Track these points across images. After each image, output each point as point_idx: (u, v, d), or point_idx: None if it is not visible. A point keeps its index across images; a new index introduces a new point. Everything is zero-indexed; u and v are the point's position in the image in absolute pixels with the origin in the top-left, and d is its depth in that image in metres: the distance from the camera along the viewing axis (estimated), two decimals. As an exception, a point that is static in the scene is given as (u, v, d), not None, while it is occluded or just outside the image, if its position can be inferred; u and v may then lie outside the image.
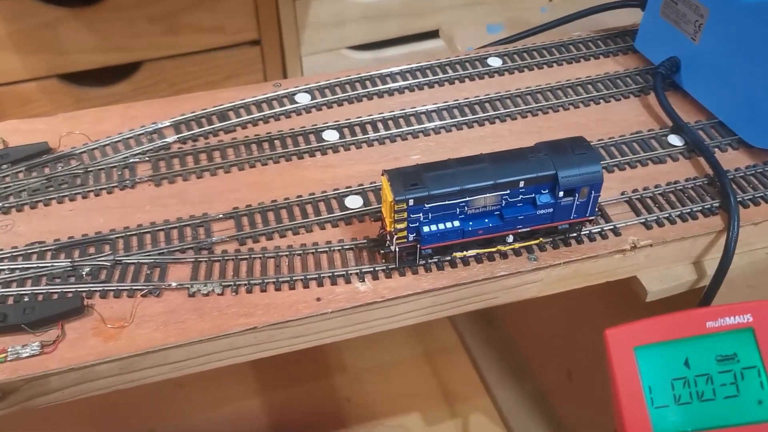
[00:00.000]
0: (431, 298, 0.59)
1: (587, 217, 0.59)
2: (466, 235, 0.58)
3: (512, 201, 0.57)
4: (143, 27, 1.32)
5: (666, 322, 0.51)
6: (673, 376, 0.50)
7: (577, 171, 0.56)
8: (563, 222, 0.59)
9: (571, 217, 0.59)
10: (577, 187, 0.57)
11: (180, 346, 0.55)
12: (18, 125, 0.73)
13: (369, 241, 0.61)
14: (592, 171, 0.57)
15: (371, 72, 0.79)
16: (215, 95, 0.76)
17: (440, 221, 0.57)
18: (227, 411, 1.11)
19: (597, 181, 0.57)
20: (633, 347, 0.50)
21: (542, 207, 0.58)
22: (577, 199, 0.58)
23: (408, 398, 1.10)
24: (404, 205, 0.55)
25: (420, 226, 0.57)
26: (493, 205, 0.57)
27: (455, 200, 0.56)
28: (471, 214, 0.57)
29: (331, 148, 0.70)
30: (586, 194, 0.58)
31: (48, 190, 0.66)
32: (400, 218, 0.56)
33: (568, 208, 0.58)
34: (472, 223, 0.58)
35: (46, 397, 0.55)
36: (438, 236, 0.57)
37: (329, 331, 0.59)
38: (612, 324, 0.50)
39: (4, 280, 0.58)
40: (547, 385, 1.04)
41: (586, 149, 0.57)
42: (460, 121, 0.73)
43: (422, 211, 0.56)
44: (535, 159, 0.57)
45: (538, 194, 0.58)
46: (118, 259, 0.60)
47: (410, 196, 0.55)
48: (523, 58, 0.80)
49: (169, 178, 0.68)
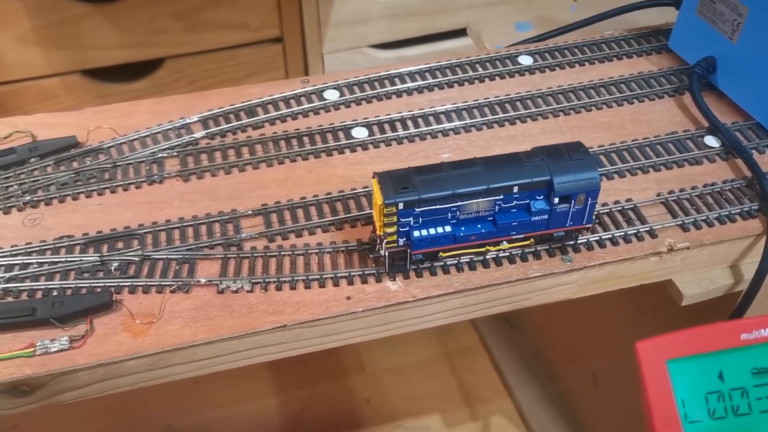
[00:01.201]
0: (462, 298, 0.58)
1: (584, 225, 0.57)
2: (458, 240, 0.56)
3: (506, 207, 0.56)
4: (166, 23, 1.31)
5: (699, 335, 0.49)
6: (707, 390, 0.49)
7: (574, 177, 0.55)
8: (559, 229, 0.57)
9: (567, 224, 0.57)
10: (573, 194, 0.55)
11: (209, 343, 0.55)
12: (45, 119, 0.72)
13: (360, 244, 0.60)
14: (588, 177, 0.55)
15: (400, 69, 0.78)
16: (243, 91, 0.76)
17: (431, 226, 0.55)
18: (245, 409, 1.11)
19: (594, 188, 0.55)
20: (665, 360, 0.49)
21: (537, 213, 0.56)
22: (573, 206, 0.56)
23: (428, 399, 1.10)
24: (394, 208, 0.53)
25: (410, 231, 0.55)
26: (486, 211, 0.56)
27: (447, 205, 0.54)
28: (463, 220, 0.56)
29: (360, 146, 0.70)
30: (582, 201, 0.56)
31: (76, 185, 0.66)
32: (390, 222, 0.54)
33: (563, 215, 0.56)
34: (464, 229, 0.56)
35: (73, 392, 0.55)
36: (429, 241, 0.55)
37: (359, 331, 0.58)
38: (638, 327, 0.49)
39: (33, 273, 0.58)
40: (571, 389, 1.03)
41: (584, 155, 0.55)
42: (490, 120, 0.72)
43: (412, 216, 0.54)
44: (531, 164, 0.55)
45: (533, 200, 0.56)
46: (147, 254, 0.60)
47: (400, 200, 0.53)
48: (554, 57, 0.79)
49: (198, 173, 0.67)
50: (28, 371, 0.52)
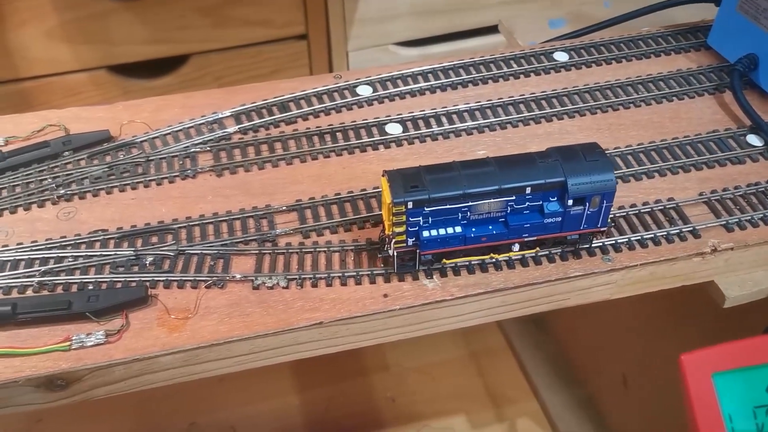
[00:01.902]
0: (501, 297, 0.57)
1: (598, 228, 0.56)
2: (468, 242, 0.55)
3: (518, 208, 0.54)
4: (192, 19, 1.31)
5: (746, 347, 0.48)
6: (755, 404, 0.47)
7: (588, 179, 0.53)
8: (573, 232, 0.56)
9: (581, 227, 0.56)
10: (587, 196, 0.54)
11: (245, 339, 0.54)
12: (78, 113, 0.72)
13: (369, 243, 0.59)
14: (604, 179, 0.53)
15: (434, 65, 0.77)
16: (275, 86, 0.75)
17: (441, 226, 0.54)
18: (269, 407, 1.10)
19: (609, 190, 0.53)
20: (711, 373, 0.48)
21: (550, 215, 0.54)
22: (588, 209, 0.54)
23: (453, 399, 1.09)
24: (403, 207, 0.52)
25: (419, 231, 0.54)
26: (498, 212, 0.54)
27: (457, 205, 0.53)
28: (474, 220, 0.54)
29: (394, 142, 0.69)
30: (597, 204, 0.54)
31: (110, 178, 0.65)
32: (399, 221, 0.53)
33: (577, 218, 0.55)
34: (475, 230, 0.54)
35: (108, 387, 0.54)
36: (438, 242, 0.54)
37: (395, 329, 0.57)
38: (669, 329, 0.48)
39: (68, 267, 0.58)
40: (600, 391, 1.02)
41: (599, 156, 0.54)
42: (526, 117, 0.71)
43: (422, 215, 0.53)
44: (544, 164, 0.54)
45: (546, 202, 0.54)
46: (182, 249, 0.59)
47: (409, 199, 0.52)
48: (590, 53, 0.78)
49: (231, 168, 0.66)
50: (65, 365, 0.52)
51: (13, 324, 0.54)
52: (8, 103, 1.31)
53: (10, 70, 1.27)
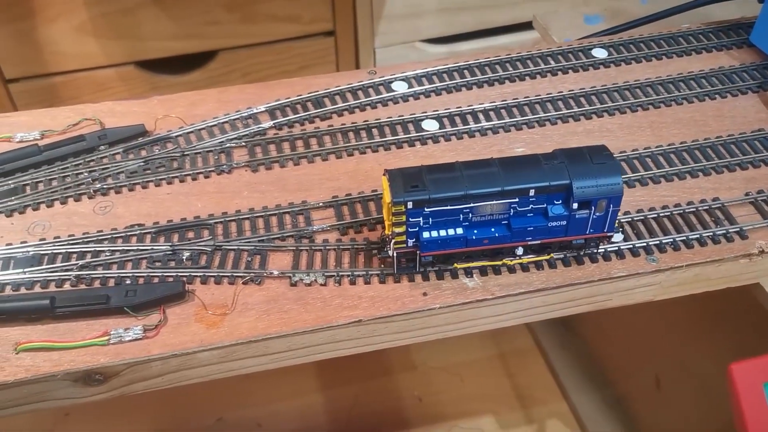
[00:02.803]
0: (542, 297, 0.56)
1: (605, 233, 0.54)
2: (470, 244, 0.53)
3: (521, 210, 0.53)
4: (220, 14, 1.31)
5: None
6: None
7: (594, 182, 0.52)
8: (578, 237, 0.54)
9: (586, 231, 0.54)
10: (593, 200, 0.52)
11: (283, 336, 0.53)
12: (113, 107, 0.72)
13: (369, 243, 0.58)
14: (610, 183, 0.52)
15: (469, 61, 0.76)
16: (309, 81, 0.75)
17: (442, 227, 0.53)
18: (294, 404, 1.10)
19: (616, 194, 0.52)
20: (763, 383, 0.46)
21: (554, 219, 0.53)
22: (594, 213, 0.53)
23: (481, 400, 1.07)
24: (402, 207, 0.51)
25: (420, 232, 0.53)
26: (501, 214, 0.53)
27: (459, 206, 0.52)
28: (476, 222, 0.53)
29: (431, 138, 0.68)
30: (603, 208, 0.53)
31: (145, 173, 0.65)
32: (399, 222, 0.52)
33: (583, 222, 0.53)
34: (477, 232, 0.53)
35: (145, 382, 0.54)
36: (439, 243, 0.53)
37: (434, 328, 0.57)
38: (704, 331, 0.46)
39: (105, 261, 0.57)
40: (631, 393, 1.00)
41: (606, 159, 0.52)
42: (565, 114, 0.69)
43: (422, 216, 0.52)
44: (549, 166, 0.52)
45: (551, 205, 0.53)
46: (218, 244, 0.59)
47: (409, 199, 0.51)
48: (629, 50, 0.77)
49: (266, 164, 0.66)
50: (103, 360, 0.51)
51: (51, 318, 0.54)
52: (38, 98, 1.32)
53: (40, 65, 1.28)
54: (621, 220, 0.59)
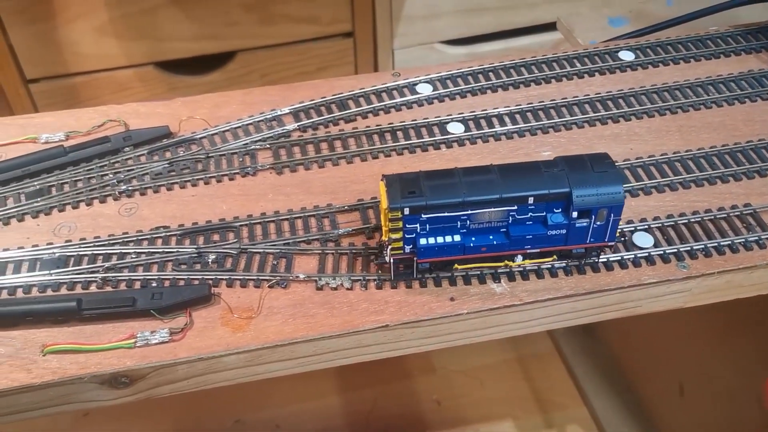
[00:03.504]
0: (571, 303, 0.56)
1: (606, 243, 0.53)
2: (468, 251, 0.53)
3: (520, 218, 0.52)
4: (239, 15, 1.31)
5: None
6: None
7: (595, 191, 0.51)
8: (578, 246, 0.54)
9: (587, 241, 0.53)
10: (593, 209, 0.51)
11: (309, 341, 0.53)
12: (137, 108, 0.72)
13: (365, 249, 0.58)
14: (611, 192, 0.51)
15: (494, 63, 0.75)
16: (333, 83, 0.74)
17: (439, 234, 0.52)
18: (314, 406, 1.09)
19: (617, 203, 0.51)
20: None
21: (554, 227, 0.52)
22: (594, 222, 0.52)
23: (500, 404, 1.07)
24: (399, 213, 0.51)
25: (417, 238, 0.52)
26: (499, 222, 0.52)
27: (456, 213, 0.51)
28: (474, 229, 0.52)
29: (456, 141, 0.67)
30: (604, 217, 0.52)
31: (170, 175, 0.65)
32: (395, 228, 0.51)
33: (583, 231, 0.52)
34: (475, 239, 0.52)
35: (170, 386, 0.54)
36: (436, 250, 0.52)
37: (460, 333, 0.56)
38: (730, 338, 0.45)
39: (131, 264, 0.57)
40: (653, 399, 0.99)
41: (608, 167, 0.51)
42: (592, 117, 0.69)
43: (419, 222, 0.51)
44: (549, 174, 0.51)
45: (550, 213, 0.52)
46: (244, 247, 0.58)
47: (406, 205, 0.50)
48: (657, 53, 0.76)
49: (291, 166, 0.66)
50: (130, 363, 0.51)
51: (77, 320, 0.54)
52: (58, 98, 1.32)
53: (60, 65, 1.29)
54: (651, 225, 0.58)
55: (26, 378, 0.50)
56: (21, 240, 0.60)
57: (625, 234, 0.58)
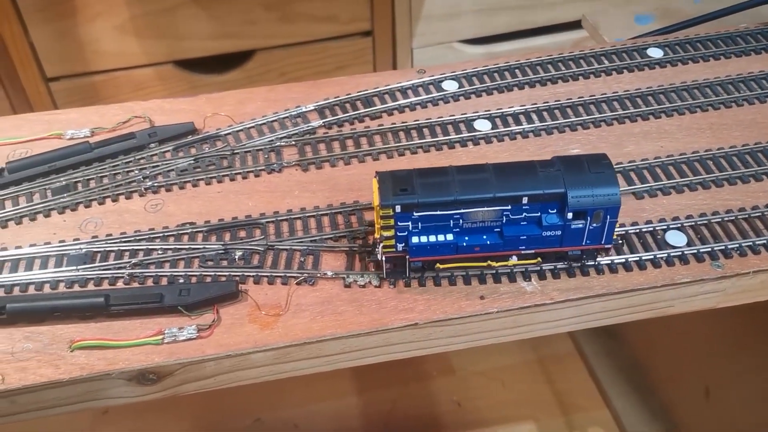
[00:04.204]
0: (602, 303, 0.55)
1: (602, 245, 0.52)
2: (461, 251, 0.52)
3: (515, 218, 0.51)
4: (259, 14, 1.31)
5: None
6: None
7: (591, 192, 0.50)
8: (574, 247, 0.53)
9: (583, 243, 0.52)
10: (589, 210, 0.50)
11: (337, 338, 0.52)
12: (162, 104, 0.72)
13: (360, 246, 0.57)
14: (607, 193, 0.50)
15: (521, 60, 0.74)
16: (357, 80, 0.74)
17: (431, 233, 0.51)
18: (332, 406, 1.09)
19: (613, 205, 0.50)
20: None
21: (549, 228, 0.51)
22: (590, 224, 0.51)
23: (521, 406, 1.06)
24: (390, 211, 0.50)
25: (408, 236, 0.51)
26: (493, 221, 0.51)
27: (449, 211, 0.50)
28: (467, 229, 0.51)
29: (483, 139, 0.67)
30: (600, 219, 0.51)
31: (196, 171, 0.65)
32: (387, 225, 0.51)
33: (578, 233, 0.51)
34: (468, 239, 0.52)
35: (197, 383, 0.53)
36: (428, 249, 0.52)
37: (489, 332, 0.55)
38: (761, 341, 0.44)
39: (157, 260, 0.57)
40: (678, 402, 0.98)
41: (605, 168, 0.50)
42: (621, 115, 0.68)
43: (411, 220, 0.51)
44: (545, 174, 0.50)
45: (545, 214, 0.51)
46: (271, 244, 0.58)
47: (397, 203, 0.50)
48: (686, 50, 0.75)
49: (317, 163, 0.65)
50: (158, 359, 0.51)
51: (105, 316, 0.53)
52: (78, 96, 1.32)
53: (80, 63, 1.29)
54: (684, 223, 0.58)
55: (54, 373, 0.50)
56: (47, 235, 0.59)
57: (658, 232, 0.57)
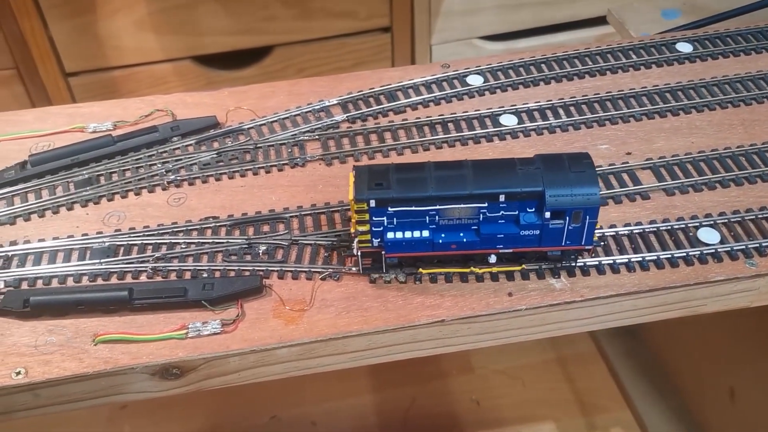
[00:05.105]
0: (633, 300, 0.54)
1: (582, 246, 0.51)
2: (437, 248, 0.51)
3: (492, 216, 0.50)
4: (277, 10, 1.30)
5: None
6: None
7: (569, 191, 0.49)
8: (553, 248, 0.51)
9: (562, 243, 0.51)
10: (567, 210, 0.49)
11: (363, 335, 0.52)
12: (184, 98, 0.71)
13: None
14: (586, 193, 0.49)
15: (546, 55, 0.73)
16: (381, 74, 0.73)
17: (407, 229, 0.51)
18: (350, 404, 1.08)
19: (592, 205, 0.49)
20: None
21: (526, 227, 0.50)
22: (569, 224, 0.50)
23: (540, 405, 1.04)
24: (365, 205, 0.50)
25: (384, 232, 0.51)
26: (470, 219, 0.50)
27: (424, 207, 0.50)
28: (444, 226, 0.51)
29: (509, 134, 0.66)
30: (579, 219, 0.49)
31: (218, 165, 0.64)
32: (362, 220, 0.50)
33: (557, 233, 0.50)
34: (445, 236, 0.51)
35: (221, 378, 0.53)
36: (404, 245, 0.51)
37: (517, 330, 0.54)
38: None
39: (181, 254, 0.56)
40: (702, 403, 0.96)
41: (586, 168, 0.49)
42: (650, 110, 0.66)
43: (386, 215, 0.50)
44: (523, 172, 0.49)
45: (523, 212, 0.50)
46: (295, 238, 0.57)
47: (372, 197, 0.49)
48: (715, 45, 0.73)
49: (340, 157, 0.64)
50: (182, 354, 0.50)
51: (128, 309, 0.53)
52: (96, 91, 1.33)
53: (99, 59, 1.29)
54: (717, 221, 0.56)
55: (78, 367, 0.49)
56: (70, 228, 0.59)
57: (690, 229, 0.56)
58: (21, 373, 0.49)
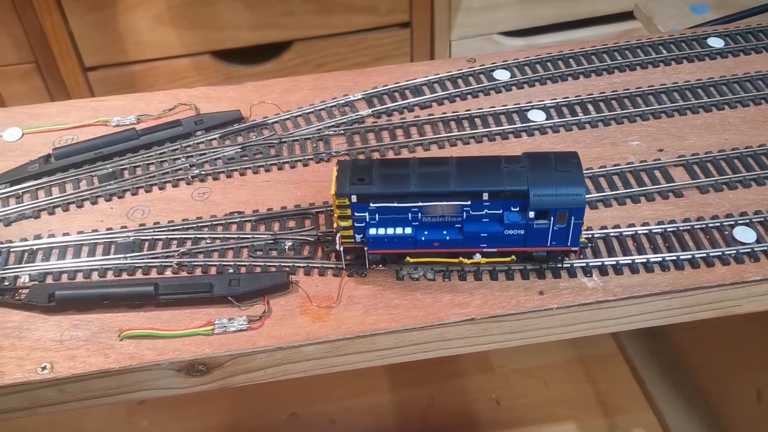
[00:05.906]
0: (667, 300, 0.52)
1: (568, 247, 0.50)
2: (420, 245, 0.50)
3: (475, 215, 0.49)
4: (297, 5, 1.30)
5: None
6: None
7: (554, 191, 0.48)
8: (538, 248, 0.50)
9: (547, 244, 0.50)
10: (552, 210, 0.48)
11: (391, 333, 0.51)
12: (207, 92, 0.71)
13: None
14: (572, 193, 0.47)
15: (575, 50, 0.72)
16: (406, 69, 0.72)
17: (389, 225, 0.50)
18: (369, 401, 1.07)
19: (577, 205, 0.48)
20: None
21: (510, 227, 0.49)
22: (555, 224, 0.49)
23: (561, 405, 1.03)
24: (346, 200, 0.49)
25: (366, 228, 0.50)
26: (453, 217, 0.50)
27: (406, 204, 0.49)
28: (427, 223, 0.50)
29: (538, 129, 0.64)
30: (565, 220, 0.48)
31: (243, 160, 0.63)
32: (344, 215, 0.50)
33: (542, 233, 0.49)
34: (428, 233, 0.50)
35: (247, 375, 0.52)
36: (386, 242, 0.50)
37: (548, 329, 0.53)
38: None
39: (206, 249, 0.56)
40: (727, 405, 0.95)
41: (572, 167, 0.48)
42: (682, 106, 0.65)
43: (368, 211, 0.49)
44: (508, 170, 0.48)
45: (507, 211, 0.49)
46: (320, 234, 0.56)
47: (353, 192, 0.49)
48: (747, 40, 0.72)
49: (365, 152, 0.63)
50: (208, 350, 0.50)
51: (153, 305, 0.52)
52: (115, 86, 1.32)
53: (118, 53, 1.29)
54: (753, 219, 0.55)
55: (104, 363, 0.49)
56: (95, 222, 0.59)
57: (725, 228, 0.55)
58: (47, 368, 0.49)
